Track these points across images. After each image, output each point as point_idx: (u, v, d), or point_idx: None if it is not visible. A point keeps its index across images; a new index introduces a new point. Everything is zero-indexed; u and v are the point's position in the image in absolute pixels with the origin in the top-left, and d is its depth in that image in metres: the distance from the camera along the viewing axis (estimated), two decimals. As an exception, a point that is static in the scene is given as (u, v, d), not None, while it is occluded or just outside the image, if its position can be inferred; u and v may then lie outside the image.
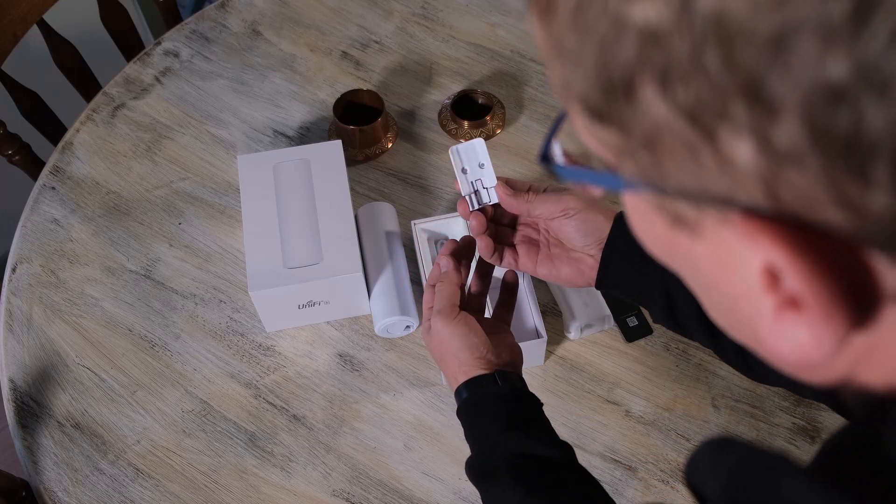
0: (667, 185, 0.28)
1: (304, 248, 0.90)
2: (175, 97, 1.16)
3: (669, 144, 0.26)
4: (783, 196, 0.25)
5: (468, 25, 1.22)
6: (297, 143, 1.11)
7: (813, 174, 0.23)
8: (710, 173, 0.26)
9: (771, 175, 0.24)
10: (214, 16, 1.25)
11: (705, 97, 0.24)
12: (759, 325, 0.28)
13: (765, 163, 0.24)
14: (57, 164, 1.11)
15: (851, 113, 0.22)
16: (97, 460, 0.88)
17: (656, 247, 0.33)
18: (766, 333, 0.28)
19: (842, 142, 0.22)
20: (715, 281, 0.30)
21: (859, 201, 0.23)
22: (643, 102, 0.26)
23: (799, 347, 0.27)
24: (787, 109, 0.23)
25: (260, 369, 0.93)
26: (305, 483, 0.86)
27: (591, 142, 0.30)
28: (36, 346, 0.95)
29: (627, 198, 0.32)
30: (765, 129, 0.23)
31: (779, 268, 0.26)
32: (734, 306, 0.30)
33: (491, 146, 1.10)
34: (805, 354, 0.27)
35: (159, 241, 1.03)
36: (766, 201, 0.25)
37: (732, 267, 0.28)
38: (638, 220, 0.32)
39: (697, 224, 0.28)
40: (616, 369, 0.91)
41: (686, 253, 0.30)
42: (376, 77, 1.18)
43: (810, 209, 0.24)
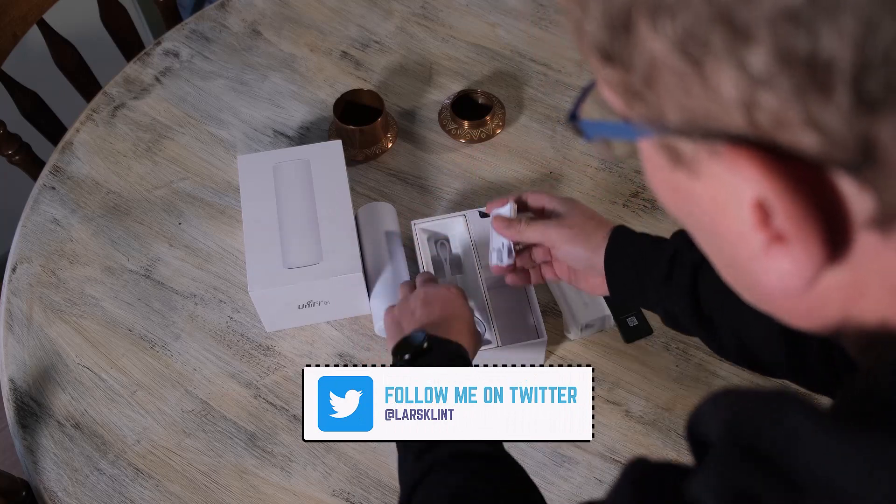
0: (666, 122, 0.30)
1: (304, 248, 0.90)
2: (175, 97, 1.16)
3: (665, 78, 0.29)
4: (761, 121, 0.27)
5: (468, 25, 1.22)
6: (297, 143, 1.11)
7: (784, 96, 0.26)
8: (699, 103, 0.28)
9: (749, 100, 0.27)
10: (214, 16, 1.25)
11: (690, 28, 0.27)
12: (753, 263, 0.31)
13: (743, 88, 0.27)
14: (57, 164, 1.11)
15: (809, 35, 0.24)
16: (97, 460, 0.88)
17: (666, 195, 0.36)
18: (757, 269, 0.31)
19: (804, 63, 0.25)
20: (714, 224, 0.32)
21: (824, 121, 0.26)
22: (640, 38, 0.29)
23: (783, 278, 0.30)
24: (757, 35, 0.25)
25: (260, 369, 0.93)
26: (305, 483, 0.86)
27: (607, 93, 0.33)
28: (36, 346, 0.95)
29: (642, 148, 0.35)
30: (741, 55, 0.26)
31: (766, 199, 0.28)
32: (733, 251, 0.32)
33: (491, 146, 1.10)
34: (788, 284, 0.30)
35: (159, 241, 1.03)
36: (747, 127, 0.28)
37: (727, 206, 0.30)
38: (650, 168, 0.35)
39: (694, 161, 0.31)
40: (616, 369, 0.91)
41: (689, 196, 0.33)
42: (376, 77, 1.18)
43: (785, 133, 0.27)
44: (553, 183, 1.06)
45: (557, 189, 1.05)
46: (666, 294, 0.71)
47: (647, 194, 1.04)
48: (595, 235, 0.75)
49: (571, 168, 1.07)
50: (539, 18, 1.23)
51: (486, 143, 1.10)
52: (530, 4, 1.24)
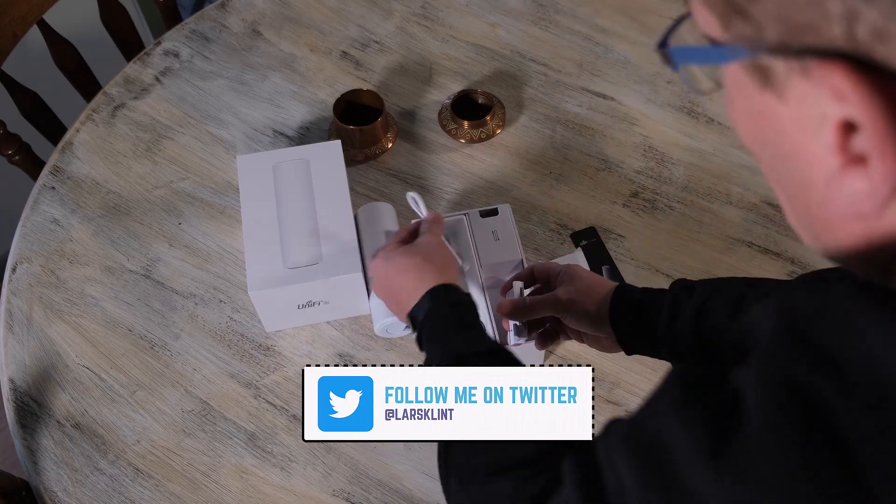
0: (764, 38, 0.31)
1: (304, 249, 0.90)
2: (175, 97, 1.16)
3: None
4: (860, 34, 0.28)
5: (468, 25, 1.22)
6: (296, 143, 1.11)
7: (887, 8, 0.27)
8: (802, 15, 0.29)
9: (852, 11, 0.28)
10: (214, 16, 1.25)
11: None
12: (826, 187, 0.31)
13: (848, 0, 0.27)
14: (57, 164, 1.11)
15: None
16: (97, 460, 0.88)
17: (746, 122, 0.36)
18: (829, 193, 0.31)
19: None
20: (793, 148, 0.33)
21: None
22: None
23: (856, 199, 0.31)
24: None
25: (260, 369, 0.93)
26: (305, 483, 0.86)
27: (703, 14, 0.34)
28: (36, 346, 0.95)
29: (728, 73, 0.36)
30: None
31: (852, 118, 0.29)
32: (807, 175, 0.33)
33: (491, 146, 1.10)
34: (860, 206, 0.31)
35: (159, 241, 1.03)
36: (845, 42, 0.28)
37: (810, 127, 0.31)
38: (735, 94, 0.36)
39: (784, 80, 0.32)
40: (616, 369, 0.91)
41: (771, 119, 0.34)
42: (376, 77, 1.18)
43: (882, 47, 0.28)
44: (553, 183, 1.06)
45: (557, 189, 1.05)
46: (672, 337, 0.72)
47: (646, 194, 1.05)
48: (598, 299, 0.76)
49: (571, 168, 1.07)
50: (539, 18, 1.23)
51: (486, 143, 1.10)
52: (530, 4, 1.24)
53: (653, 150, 1.09)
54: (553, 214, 1.03)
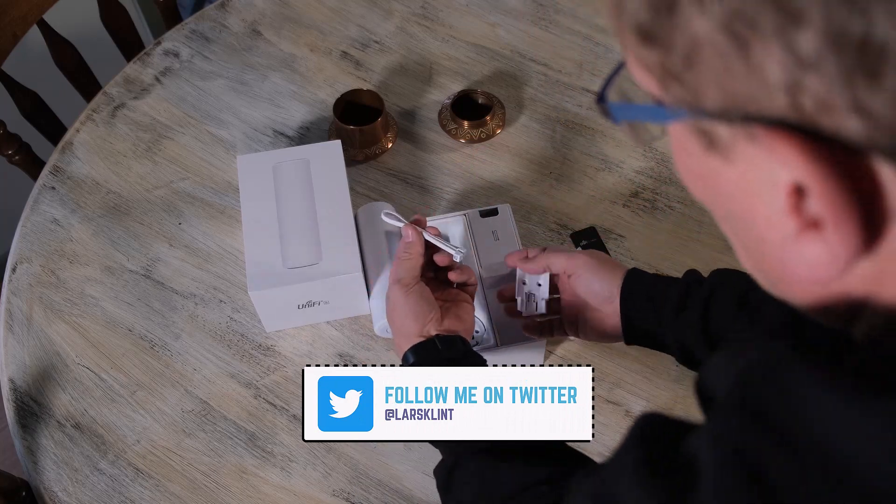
0: (704, 105, 0.30)
1: (304, 248, 0.90)
2: (175, 97, 1.16)
3: (707, 60, 0.29)
4: (804, 104, 0.27)
5: (468, 25, 1.22)
6: (296, 143, 1.11)
7: (831, 79, 0.26)
8: (742, 86, 0.28)
9: (795, 83, 0.26)
10: (214, 16, 1.25)
11: (738, 9, 0.26)
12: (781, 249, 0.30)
13: (790, 70, 0.26)
14: (57, 164, 1.11)
15: (863, 18, 0.24)
16: (97, 460, 0.88)
17: (694, 180, 0.35)
18: (786, 255, 0.30)
19: (855, 46, 0.24)
20: (744, 210, 0.32)
21: (871, 106, 0.25)
22: (684, 17, 0.28)
23: (814, 265, 0.29)
24: (808, 16, 0.25)
25: (260, 369, 0.93)
26: (305, 483, 0.86)
27: (640, 74, 0.33)
28: (36, 346, 0.95)
29: (671, 132, 0.35)
30: (790, 37, 0.26)
31: (803, 184, 0.28)
32: (761, 237, 0.32)
33: (491, 146, 1.10)
34: (819, 272, 0.29)
35: (159, 241, 1.03)
36: (790, 111, 0.27)
37: (760, 191, 0.30)
38: (680, 152, 0.35)
39: (729, 145, 0.30)
40: (616, 369, 0.91)
41: (720, 180, 0.33)
42: (376, 77, 1.18)
43: (829, 117, 0.27)
44: (553, 183, 1.06)
45: (557, 189, 1.05)
46: (679, 327, 0.72)
47: (647, 194, 1.05)
48: (614, 273, 0.77)
49: (571, 168, 1.07)
50: (539, 18, 1.23)
51: (486, 143, 1.10)
52: (530, 4, 1.24)
53: (653, 150, 1.09)
54: (553, 214, 1.03)
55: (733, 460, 0.29)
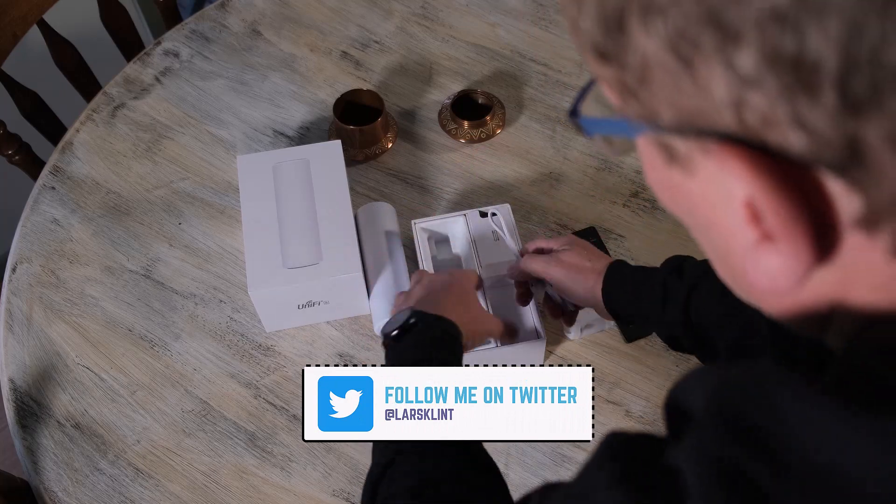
0: (660, 120, 0.31)
1: (304, 248, 0.90)
2: (175, 97, 1.16)
3: (658, 77, 0.29)
4: (749, 120, 0.27)
5: (468, 25, 1.22)
6: (296, 143, 1.11)
7: (772, 96, 0.26)
8: (691, 102, 0.29)
9: (738, 100, 0.27)
10: (214, 16, 1.25)
11: (681, 28, 0.27)
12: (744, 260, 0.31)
13: (732, 88, 0.27)
14: (57, 164, 1.11)
15: (796, 36, 0.24)
16: (97, 460, 0.88)
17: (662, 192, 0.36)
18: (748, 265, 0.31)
19: (791, 63, 0.25)
20: (708, 220, 0.33)
21: (811, 121, 0.26)
22: (633, 37, 0.29)
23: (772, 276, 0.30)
24: (745, 35, 0.25)
25: (260, 369, 0.93)
26: (305, 483, 0.86)
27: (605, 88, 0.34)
28: (36, 346, 0.95)
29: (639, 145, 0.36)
30: (729, 56, 0.26)
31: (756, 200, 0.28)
32: (726, 247, 0.33)
33: (491, 146, 1.10)
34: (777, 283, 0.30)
35: (159, 241, 1.03)
36: (737, 126, 0.28)
37: (720, 203, 0.31)
38: (647, 165, 0.35)
39: (687, 159, 0.31)
40: (616, 369, 0.91)
41: (683, 193, 0.33)
42: (376, 77, 1.18)
43: (773, 132, 0.27)
44: (553, 183, 1.06)
45: (557, 189, 1.05)
46: (664, 317, 0.73)
47: (647, 194, 1.04)
48: (590, 276, 0.78)
49: (571, 168, 1.07)
50: (539, 18, 1.23)
51: (486, 143, 1.10)
52: (530, 4, 1.24)
53: (653, 150, 1.09)
54: (553, 214, 1.03)
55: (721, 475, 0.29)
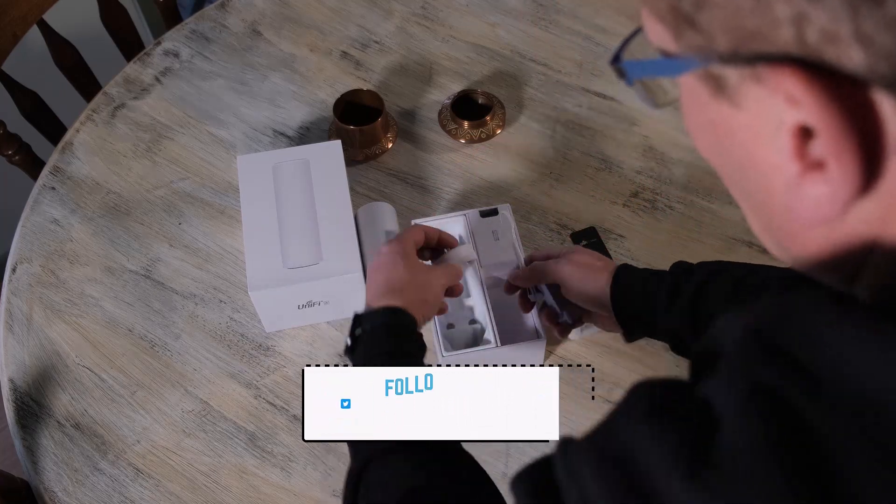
0: (715, 47, 0.31)
1: (304, 249, 0.90)
2: (175, 97, 1.16)
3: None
4: (809, 37, 0.27)
5: (468, 25, 1.22)
6: (297, 143, 1.11)
7: (834, 9, 0.26)
8: (750, 21, 0.29)
9: (800, 15, 0.27)
10: (214, 16, 1.25)
11: None
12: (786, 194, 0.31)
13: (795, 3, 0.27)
14: (57, 164, 1.11)
15: None
16: (97, 460, 0.88)
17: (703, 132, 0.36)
18: (790, 199, 0.31)
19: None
20: (750, 156, 0.33)
21: (874, 35, 0.26)
22: None
23: (818, 204, 0.30)
24: None
25: (260, 369, 0.93)
26: (305, 483, 0.86)
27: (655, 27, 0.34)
28: (36, 346, 0.95)
29: (682, 84, 0.36)
30: None
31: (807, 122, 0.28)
32: (767, 183, 0.33)
33: (491, 146, 1.10)
34: (822, 210, 0.30)
35: (159, 241, 1.03)
36: (795, 46, 0.28)
37: (766, 135, 0.31)
38: (690, 104, 0.36)
39: (737, 89, 0.31)
40: (616, 369, 0.91)
41: (728, 129, 0.33)
42: (376, 77, 1.18)
43: (833, 49, 0.27)
44: (553, 183, 1.06)
45: (557, 189, 1.05)
46: (670, 317, 0.72)
47: (647, 194, 1.04)
48: (601, 275, 0.78)
49: (571, 168, 1.07)
50: (539, 18, 1.23)
51: (486, 143, 1.10)
52: (530, 4, 1.24)
53: (653, 150, 1.09)
54: (553, 214, 1.03)
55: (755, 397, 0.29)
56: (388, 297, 0.73)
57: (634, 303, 0.76)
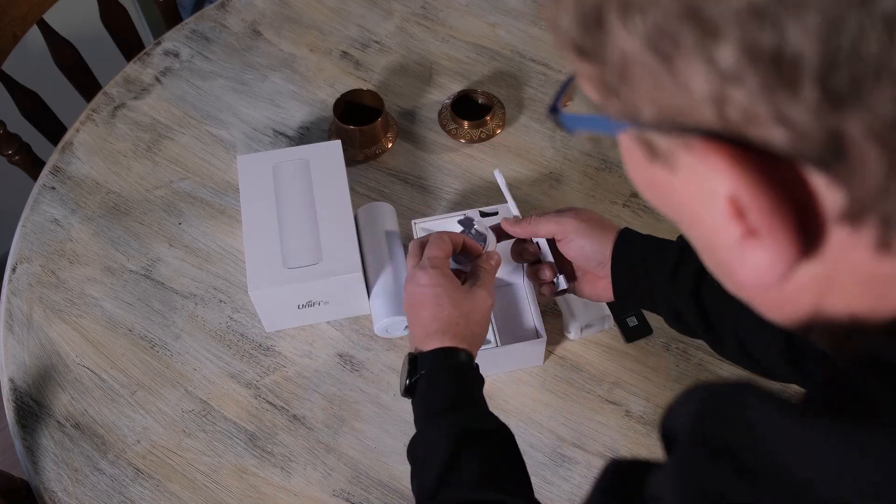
0: (641, 117, 0.30)
1: (304, 249, 0.90)
2: (175, 97, 1.16)
3: (637, 74, 0.29)
4: (731, 116, 0.27)
5: (468, 25, 1.22)
6: (297, 143, 1.11)
7: (752, 91, 0.26)
8: (671, 99, 0.28)
9: (719, 95, 0.27)
10: (214, 16, 1.25)
11: (659, 25, 0.27)
12: (730, 255, 0.31)
13: (713, 84, 0.27)
14: (57, 164, 1.11)
15: (775, 31, 0.24)
16: (97, 460, 0.88)
17: (645, 188, 0.36)
18: (733, 261, 0.31)
19: (771, 59, 0.25)
20: (693, 216, 0.33)
21: (793, 116, 0.26)
22: (612, 34, 0.29)
23: (757, 271, 0.30)
24: (725, 31, 0.25)
25: (260, 369, 0.93)
26: (305, 483, 0.86)
27: (586, 85, 0.33)
28: (36, 346, 0.95)
29: (621, 142, 0.35)
30: (709, 52, 0.26)
31: (738, 195, 0.28)
32: (711, 242, 0.33)
33: (491, 146, 1.10)
34: (762, 277, 0.30)
35: (159, 241, 1.03)
36: (718, 122, 0.28)
37: (703, 200, 0.30)
38: (630, 162, 0.35)
39: (670, 156, 0.31)
40: (616, 369, 0.91)
41: (667, 189, 0.33)
42: (376, 77, 1.18)
43: (755, 128, 0.27)
44: (553, 183, 1.06)
45: (557, 189, 1.05)
46: (671, 290, 0.71)
47: (647, 194, 1.04)
48: (605, 233, 0.77)
49: (571, 168, 1.07)
50: (539, 18, 1.23)
51: (486, 143, 1.10)
52: (530, 4, 1.24)
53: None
54: (553, 214, 1.03)
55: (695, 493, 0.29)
56: (440, 338, 0.72)
57: (637, 266, 0.74)
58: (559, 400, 0.89)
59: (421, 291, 0.75)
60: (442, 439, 0.66)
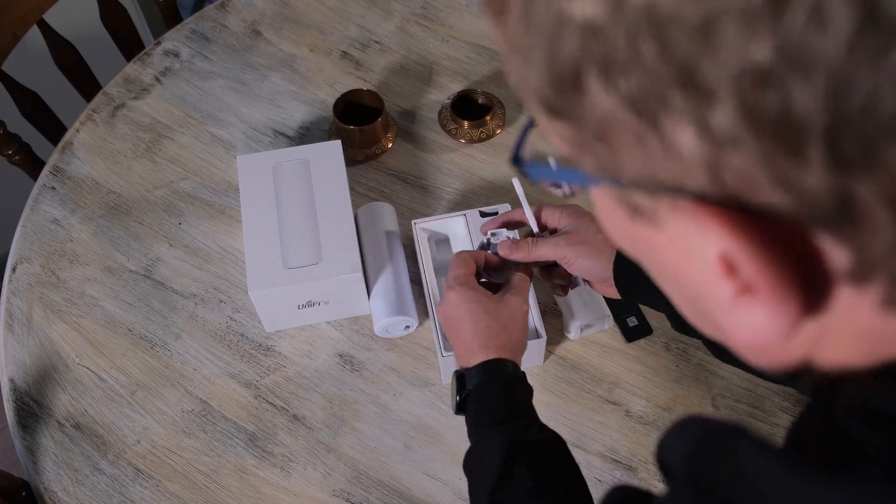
0: (622, 176, 0.28)
1: (304, 249, 0.90)
2: (175, 97, 1.16)
3: (619, 135, 0.27)
4: (726, 180, 0.25)
5: (468, 25, 1.22)
6: (297, 143, 1.11)
7: (751, 156, 0.24)
8: (658, 161, 0.26)
9: (713, 160, 0.25)
10: (214, 16, 1.25)
11: (645, 87, 0.25)
12: (719, 312, 0.28)
13: (706, 148, 0.25)
14: (57, 164, 1.11)
15: (779, 93, 0.22)
16: (97, 460, 0.88)
17: (623, 241, 0.33)
18: (725, 319, 0.28)
19: (773, 123, 0.23)
20: (677, 271, 0.30)
21: (797, 181, 0.24)
22: (590, 95, 0.26)
23: (756, 331, 0.28)
24: (720, 94, 0.23)
25: (260, 369, 0.93)
26: (305, 483, 0.86)
27: (555, 138, 0.31)
28: (36, 346, 0.95)
29: (593, 193, 0.33)
30: (702, 115, 0.24)
31: (732, 255, 0.26)
32: (696, 296, 0.30)
33: (491, 146, 1.10)
34: (761, 337, 0.28)
35: (159, 241, 1.03)
36: (711, 186, 0.26)
37: (691, 256, 0.28)
38: (603, 214, 0.33)
39: (654, 214, 0.29)
40: (616, 369, 0.91)
41: (649, 245, 0.31)
42: (376, 77, 1.18)
43: (752, 192, 0.25)
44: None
45: (557, 189, 1.05)
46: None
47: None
48: (606, 247, 0.77)
49: (571, 168, 1.07)
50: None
51: (486, 143, 1.10)
52: (530, 4, 1.24)
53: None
54: (553, 214, 1.03)
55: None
56: (483, 352, 0.72)
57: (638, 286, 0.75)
58: (559, 400, 0.89)
59: (454, 310, 0.75)
60: (493, 452, 0.66)
